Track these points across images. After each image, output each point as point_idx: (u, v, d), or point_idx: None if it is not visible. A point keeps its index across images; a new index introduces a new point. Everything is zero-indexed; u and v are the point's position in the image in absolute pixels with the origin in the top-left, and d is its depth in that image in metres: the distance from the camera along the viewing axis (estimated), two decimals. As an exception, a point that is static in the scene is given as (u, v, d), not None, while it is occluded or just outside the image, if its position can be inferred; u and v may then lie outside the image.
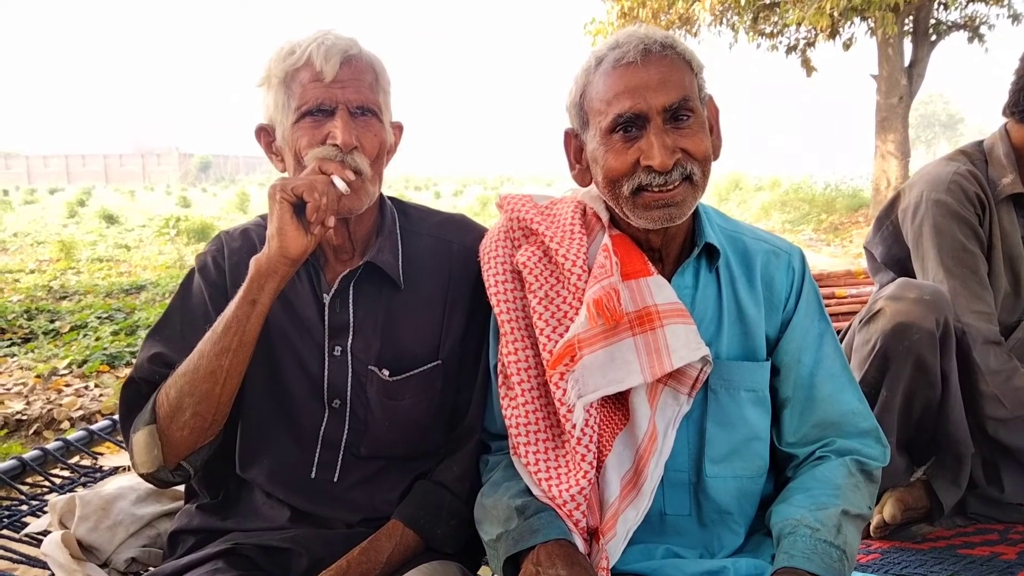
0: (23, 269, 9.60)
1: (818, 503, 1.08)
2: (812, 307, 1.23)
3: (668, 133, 1.07)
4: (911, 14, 11.51)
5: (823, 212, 13.95)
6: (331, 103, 1.16)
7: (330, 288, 1.26)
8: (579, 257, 1.17)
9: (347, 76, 1.17)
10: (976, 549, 1.66)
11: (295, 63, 1.17)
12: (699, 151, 1.09)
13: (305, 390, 1.26)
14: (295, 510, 1.27)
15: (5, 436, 3.76)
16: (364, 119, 1.19)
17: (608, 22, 12.56)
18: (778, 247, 1.25)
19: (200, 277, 1.29)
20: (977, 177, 1.75)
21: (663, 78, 1.06)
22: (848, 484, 1.12)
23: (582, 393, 1.10)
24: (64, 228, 15.73)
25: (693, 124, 1.09)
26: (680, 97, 1.07)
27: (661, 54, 1.08)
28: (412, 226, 1.34)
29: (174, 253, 10.83)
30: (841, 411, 1.18)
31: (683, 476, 1.18)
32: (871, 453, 1.17)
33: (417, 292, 1.28)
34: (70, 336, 5.60)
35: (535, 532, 1.05)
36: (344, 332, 1.25)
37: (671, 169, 1.07)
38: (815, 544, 1.01)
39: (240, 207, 20.45)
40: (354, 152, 1.16)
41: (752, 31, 12.54)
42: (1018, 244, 1.77)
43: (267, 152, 1.28)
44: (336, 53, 1.16)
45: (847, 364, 1.23)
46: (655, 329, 1.11)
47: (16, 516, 1.54)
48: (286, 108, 1.18)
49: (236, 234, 1.34)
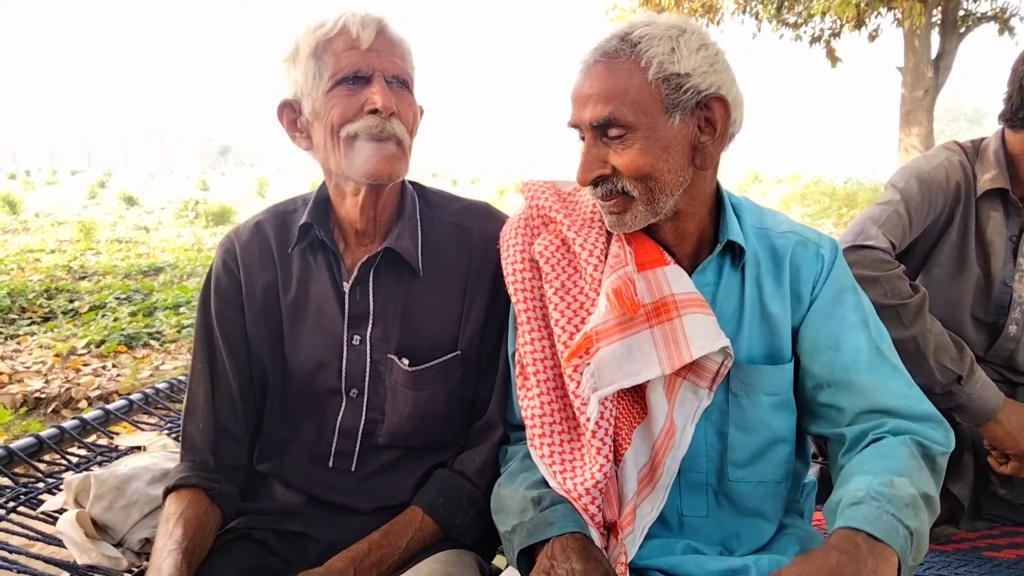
0: (44, 249, 9.73)
1: (883, 479, 0.94)
2: (845, 294, 1.15)
3: (599, 147, 1.05)
4: (939, 5, 11.25)
5: (844, 206, 13.77)
6: (368, 70, 1.13)
7: (350, 275, 1.23)
8: (596, 247, 1.14)
9: (383, 45, 1.15)
10: (1003, 552, 1.63)
11: (328, 33, 1.14)
12: (628, 169, 1.04)
13: (323, 381, 1.25)
14: (311, 497, 1.26)
15: (24, 414, 3.81)
16: (399, 90, 1.17)
17: (631, 9, 12.41)
18: (807, 238, 1.20)
19: (215, 300, 1.28)
20: (964, 168, 1.74)
21: (597, 91, 1.03)
22: (912, 464, 0.98)
23: (598, 386, 1.07)
24: (85, 209, 15.93)
25: (627, 139, 1.03)
26: (606, 115, 1.02)
27: (607, 62, 1.03)
28: (433, 212, 1.31)
29: (192, 236, 10.92)
30: (892, 397, 1.08)
31: (701, 477, 1.15)
32: (933, 436, 1.05)
33: (436, 280, 1.26)
34: (89, 316, 5.67)
35: (550, 525, 1.02)
36: (364, 321, 1.23)
37: (594, 184, 1.07)
38: (880, 513, 0.89)
39: (259, 192, 20.59)
40: (393, 119, 1.14)
41: (776, 20, 12.34)
42: (996, 240, 1.73)
43: (290, 130, 1.23)
44: (372, 21, 1.14)
45: (893, 351, 1.15)
46: (672, 320, 1.08)
47: (33, 493, 1.55)
48: (317, 79, 1.14)
49: (245, 230, 1.31)
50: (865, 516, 0.88)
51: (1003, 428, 1.54)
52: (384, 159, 1.14)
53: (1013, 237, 1.74)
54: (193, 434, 1.25)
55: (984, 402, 1.54)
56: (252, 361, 1.27)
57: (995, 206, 1.73)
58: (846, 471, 1.03)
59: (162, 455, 1.55)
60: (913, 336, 1.54)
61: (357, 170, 1.15)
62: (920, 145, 11.58)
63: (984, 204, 1.73)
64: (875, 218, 1.66)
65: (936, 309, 1.62)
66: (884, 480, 0.94)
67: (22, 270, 7.95)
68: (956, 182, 1.72)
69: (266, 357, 1.27)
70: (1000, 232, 1.73)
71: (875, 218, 1.66)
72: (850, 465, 1.04)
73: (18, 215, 14.28)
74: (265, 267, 1.27)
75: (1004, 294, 1.74)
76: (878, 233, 1.61)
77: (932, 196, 1.70)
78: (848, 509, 0.91)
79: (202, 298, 1.30)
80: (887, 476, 0.95)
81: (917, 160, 1.81)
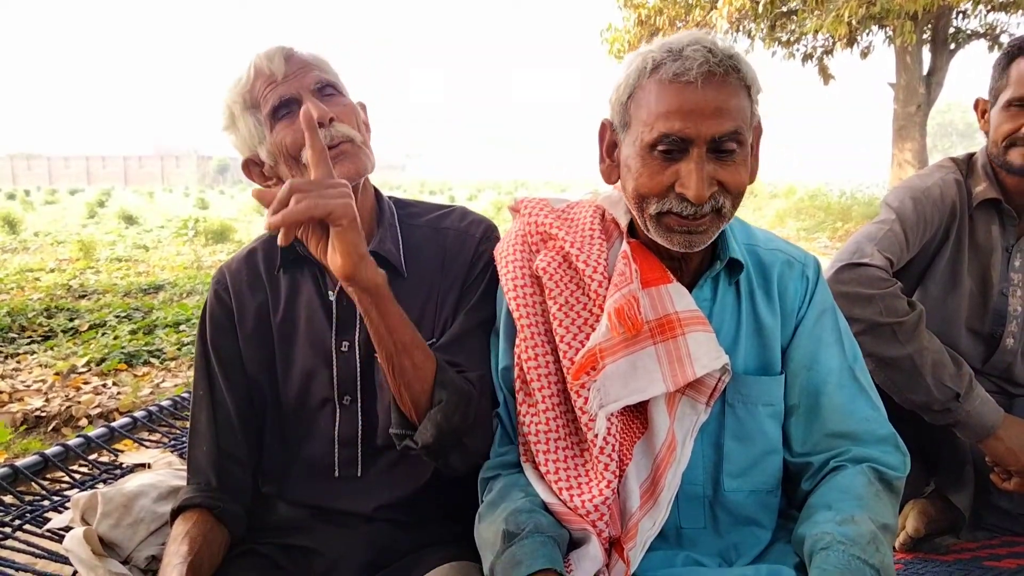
0: (43, 268, 9.72)
1: (844, 516, 1.03)
2: (824, 315, 1.19)
3: (709, 163, 1.02)
4: (930, 22, 11.42)
5: (838, 220, 13.83)
6: (294, 93, 1.20)
7: (335, 284, 1.27)
8: (599, 263, 1.16)
9: (295, 68, 1.21)
10: (1003, 561, 1.63)
11: (246, 83, 1.22)
12: (737, 186, 1.05)
13: (316, 392, 1.27)
14: (317, 510, 1.28)
15: (24, 432, 3.80)
16: (330, 97, 1.23)
17: (625, 29, 12.56)
18: (792, 256, 1.23)
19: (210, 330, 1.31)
20: (959, 185, 1.77)
21: (719, 105, 1.00)
22: (869, 493, 1.07)
23: (604, 403, 1.08)
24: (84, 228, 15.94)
25: (737, 157, 1.04)
26: (732, 129, 1.01)
27: (723, 78, 1.01)
28: (410, 219, 1.36)
29: (191, 254, 10.93)
30: (855, 419, 1.14)
31: (698, 489, 1.16)
32: (889, 461, 1.12)
33: (418, 280, 1.29)
34: (89, 334, 5.66)
35: (518, 564, 0.99)
36: (351, 326, 1.26)
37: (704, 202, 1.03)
38: (848, 559, 0.96)
39: (257, 210, 20.60)
40: (334, 123, 1.19)
41: (769, 39, 12.49)
42: (992, 251, 1.76)
43: (262, 182, 1.29)
44: (275, 52, 1.21)
45: (864, 371, 1.19)
46: (676, 337, 1.10)
47: (38, 511, 1.55)
48: (259, 126, 1.22)
49: (235, 261, 1.36)
50: (836, 564, 0.95)
51: (1004, 444, 1.54)
52: (345, 161, 1.19)
53: (1009, 247, 1.77)
54: (198, 457, 1.28)
55: (983, 419, 1.53)
56: (250, 384, 1.30)
57: (991, 217, 1.76)
58: (810, 504, 1.10)
59: (168, 472, 1.56)
60: (909, 354, 1.54)
61: None
62: (913, 160, 11.68)
63: (980, 216, 1.76)
64: (871, 236, 1.67)
65: (932, 324, 1.63)
66: (845, 517, 1.02)
67: (22, 289, 7.94)
68: (951, 199, 1.74)
69: (262, 378, 1.30)
70: (997, 242, 1.76)
71: (871, 236, 1.67)
72: (814, 497, 1.11)
73: (18, 234, 14.29)
74: (256, 291, 1.32)
75: (1001, 303, 1.76)
76: (874, 251, 1.63)
77: (927, 214, 1.73)
78: (818, 557, 0.98)
79: (199, 329, 1.34)
80: (848, 513, 1.02)
81: (912, 179, 1.84)
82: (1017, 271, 1.77)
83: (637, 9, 12.24)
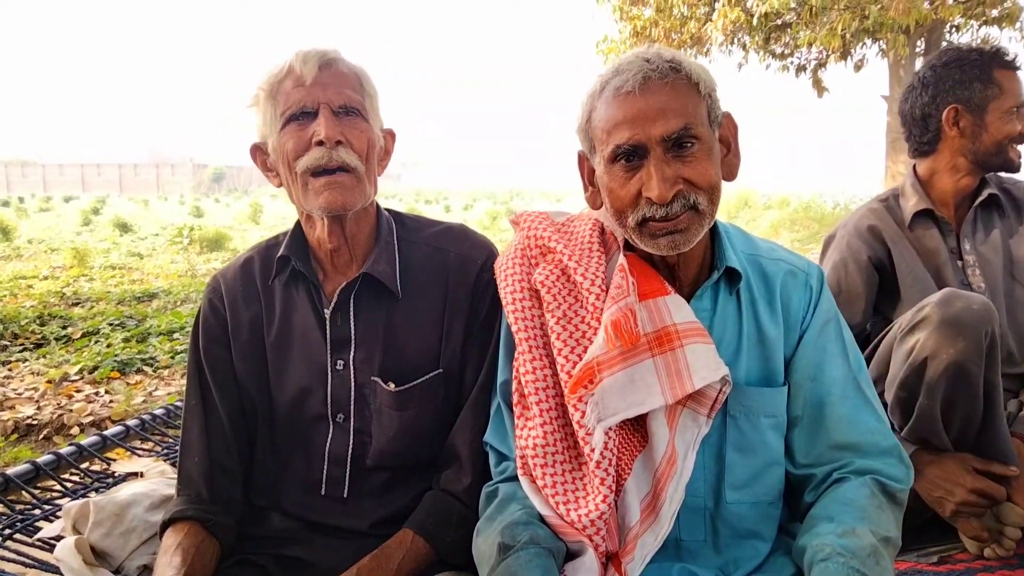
0: (37, 275, 9.68)
1: (845, 528, 1.03)
2: (828, 325, 1.20)
3: (670, 163, 1.04)
4: (923, 36, 11.53)
5: (833, 232, 13.84)
6: (312, 104, 1.18)
7: (330, 302, 1.26)
8: (597, 276, 1.16)
9: (327, 78, 1.20)
10: (996, 573, 1.63)
11: (278, 74, 1.20)
12: (702, 180, 1.06)
13: (310, 408, 1.27)
14: (308, 523, 1.27)
15: (15, 440, 3.77)
16: (349, 119, 1.21)
17: (621, 40, 12.64)
18: (796, 266, 1.23)
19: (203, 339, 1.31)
20: (880, 213, 1.98)
21: (662, 107, 1.03)
22: (871, 505, 1.07)
23: (602, 417, 1.08)
24: (78, 236, 15.88)
25: (697, 152, 1.05)
26: (680, 126, 1.03)
27: (662, 81, 1.05)
28: (409, 236, 1.35)
29: (186, 262, 10.90)
30: (859, 431, 1.14)
31: (699, 501, 1.15)
32: (893, 473, 1.12)
33: (416, 302, 1.28)
34: (82, 342, 5.64)
35: None
36: (346, 346, 1.26)
37: (671, 201, 1.04)
38: (848, 571, 0.96)
39: (253, 218, 20.58)
40: (339, 148, 1.18)
41: (763, 51, 12.59)
42: (943, 258, 1.90)
43: (263, 170, 1.30)
44: (313, 57, 1.20)
45: (868, 382, 1.19)
46: (675, 349, 1.10)
47: (29, 520, 1.54)
48: (273, 119, 1.21)
49: (230, 269, 1.36)
50: (834, 575, 0.95)
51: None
52: (334, 191, 1.18)
53: (954, 249, 1.93)
54: (189, 469, 1.27)
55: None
56: (242, 396, 1.30)
57: (928, 227, 1.94)
58: (811, 516, 1.10)
59: (160, 481, 1.55)
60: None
61: (312, 203, 1.20)
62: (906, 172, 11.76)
63: (918, 228, 1.95)
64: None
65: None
66: (847, 529, 1.02)
67: (15, 296, 7.90)
68: (869, 225, 1.95)
69: (254, 390, 1.29)
70: (940, 248, 1.92)
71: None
72: (815, 509, 1.11)
73: (11, 241, 14.22)
74: (250, 302, 1.31)
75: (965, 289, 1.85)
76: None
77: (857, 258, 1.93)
78: (817, 567, 0.98)
79: (192, 338, 1.34)
80: (849, 525, 1.03)
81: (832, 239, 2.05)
82: (969, 253, 1.92)
83: (632, 21, 12.34)
